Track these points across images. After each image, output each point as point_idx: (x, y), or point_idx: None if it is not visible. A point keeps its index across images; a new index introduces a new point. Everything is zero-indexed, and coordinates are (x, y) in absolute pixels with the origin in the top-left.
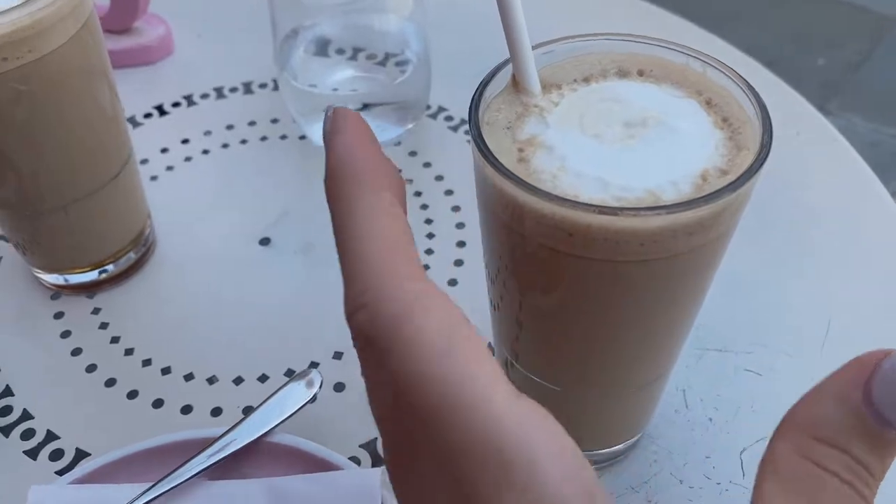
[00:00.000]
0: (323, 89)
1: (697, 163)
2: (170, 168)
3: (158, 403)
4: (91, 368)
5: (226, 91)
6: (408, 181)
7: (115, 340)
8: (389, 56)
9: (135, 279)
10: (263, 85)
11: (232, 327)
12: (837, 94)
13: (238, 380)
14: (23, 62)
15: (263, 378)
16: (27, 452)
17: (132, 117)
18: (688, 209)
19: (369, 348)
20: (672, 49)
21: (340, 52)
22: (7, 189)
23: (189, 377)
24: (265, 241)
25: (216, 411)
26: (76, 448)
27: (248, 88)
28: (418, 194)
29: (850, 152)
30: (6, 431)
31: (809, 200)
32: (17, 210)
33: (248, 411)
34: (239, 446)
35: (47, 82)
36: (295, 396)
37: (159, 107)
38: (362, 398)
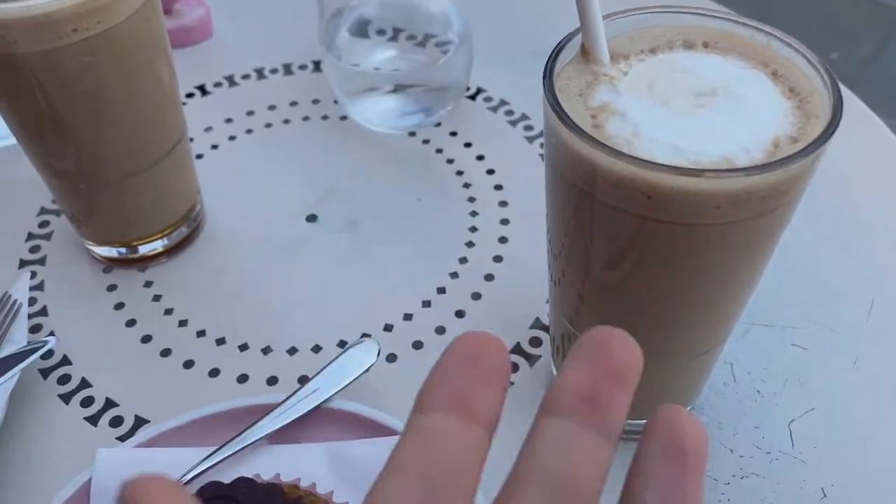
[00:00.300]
0: (366, 68)
1: (768, 131)
2: (214, 147)
3: (215, 373)
4: (146, 339)
5: (266, 72)
6: (449, 161)
7: (169, 312)
8: (429, 37)
9: (185, 253)
10: (303, 66)
11: (283, 300)
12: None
13: (292, 350)
14: (91, 33)
15: (317, 348)
16: (88, 419)
17: None
18: (766, 171)
19: None
20: (737, 22)
21: (381, 34)
22: (67, 161)
23: (244, 347)
24: (312, 218)
25: (272, 380)
26: (135, 415)
27: (289, 70)
28: (460, 173)
29: (892, 139)
30: (66, 399)
31: (855, 183)
32: (75, 182)
33: (304, 380)
34: (301, 412)
35: (113, 55)
36: (353, 364)
37: (201, 87)
38: (414, 367)
